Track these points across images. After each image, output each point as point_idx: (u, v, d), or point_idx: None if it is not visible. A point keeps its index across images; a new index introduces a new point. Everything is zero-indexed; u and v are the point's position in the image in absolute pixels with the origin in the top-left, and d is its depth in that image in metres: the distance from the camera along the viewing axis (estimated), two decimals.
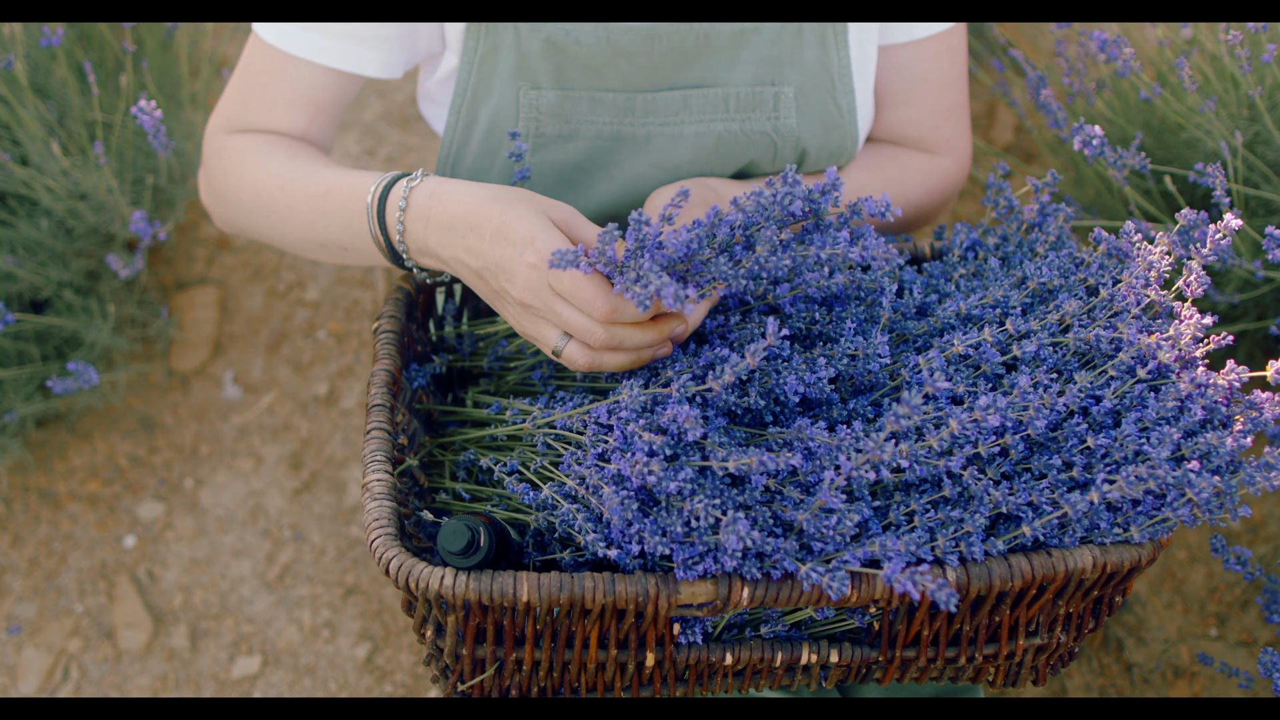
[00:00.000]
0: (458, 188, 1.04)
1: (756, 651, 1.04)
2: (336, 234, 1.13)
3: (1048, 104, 1.33)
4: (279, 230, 1.19)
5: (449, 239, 1.03)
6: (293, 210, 1.16)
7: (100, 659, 1.63)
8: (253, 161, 1.19)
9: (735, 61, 1.19)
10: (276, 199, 1.17)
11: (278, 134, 1.22)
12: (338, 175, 1.14)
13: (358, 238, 1.11)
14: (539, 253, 0.97)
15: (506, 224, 0.99)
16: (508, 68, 1.19)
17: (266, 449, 1.80)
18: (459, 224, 1.02)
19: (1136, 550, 0.99)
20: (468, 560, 0.96)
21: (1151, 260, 1.08)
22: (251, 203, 1.19)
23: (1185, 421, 1.00)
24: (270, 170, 1.18)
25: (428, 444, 1.19)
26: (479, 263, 1.02)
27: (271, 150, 1.19)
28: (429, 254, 1.07)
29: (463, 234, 1.02)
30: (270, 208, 1.18)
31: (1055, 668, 1.12)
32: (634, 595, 0.95)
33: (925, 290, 1.16)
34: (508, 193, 1.02)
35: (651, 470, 0.92)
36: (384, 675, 1.60)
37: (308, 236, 1.16)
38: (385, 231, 1.08)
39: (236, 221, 1.24)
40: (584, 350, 1.00)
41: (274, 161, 1.18)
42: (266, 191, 1.17)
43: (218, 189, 1.24)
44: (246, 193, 1.19)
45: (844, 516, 0.93)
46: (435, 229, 1.04)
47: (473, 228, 1.01)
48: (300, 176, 1.16)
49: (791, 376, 1.01)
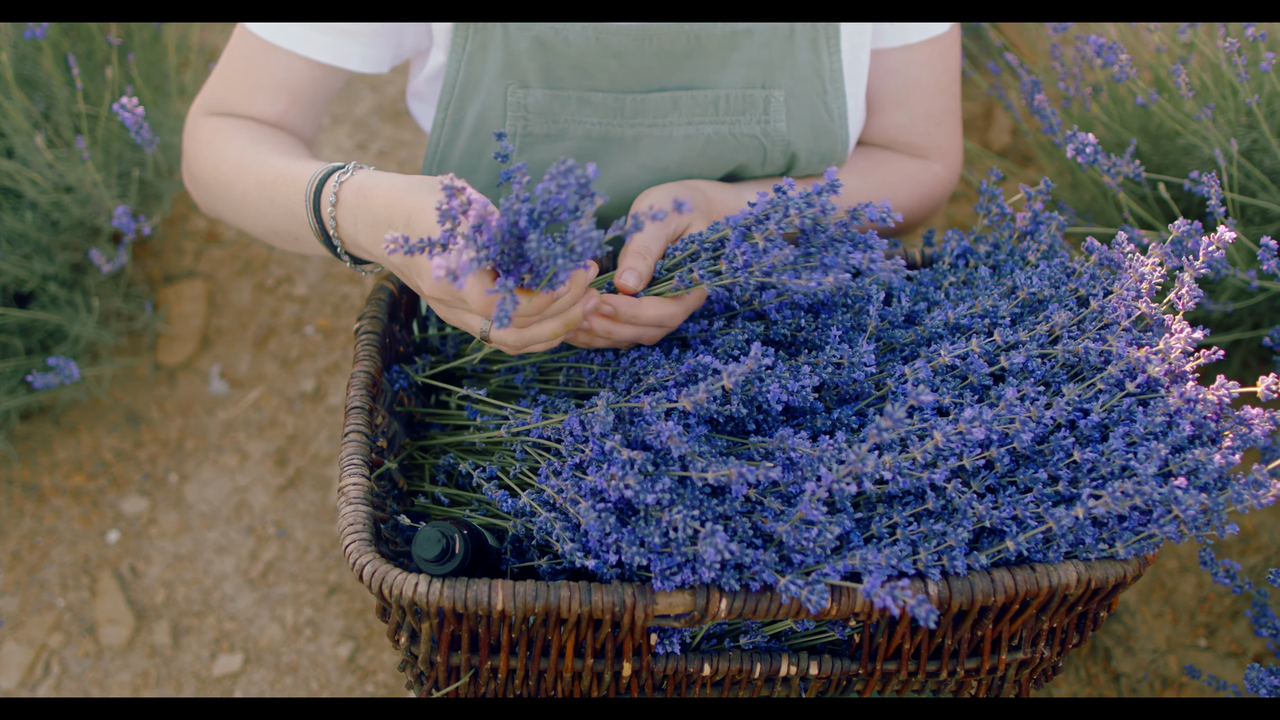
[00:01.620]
0: (382, 181, 1.03)
1: (735, 663, 1.03)
2: (284, 224, 1.12)
3: (1041, 109, 1.31)
4: (239, 215, 1.18)
5: (374, 234, 1.01)
6: (246, 196, 1.14)
7: (82, 655, 1.62)
8: (219, 144, 1.18)
9: (726, 64, 1.17)
10: (233, 184, 1.16)
11: (252, 119, 1.21)
12: (286, 164, 1.12)
13: (302, 228, 1.10)
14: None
15: (413, 217, 0.97)
16: (496, 66, 1.17)
17: (252, 445, 1.78)
18: (380, 219, 1.00)
19: (1122, 566, 0.98)
20: (442, 567, 0.94)
21: (1143, 272, 1.07)
22: (215, 185, 1.18)
23: (1173, 437, 0.98)
24: (230, 155, 1.16)
25: (408, 446, 1.17)
26: (397, 259, 1.00)
27: (237, 134, 1.18)
28: (361, 248, 1.05)
29: (384, 229, 1.00)
30: (229, 192, 1.16)
31: (1039, 682, 1.11)
32: (610, 605, 0.93)
33: (914, 298, 1.14)
34: (423, 183, 1.00)
35: (628, 484, 0.91)
36: (366, 675, 1.59)
37: (261, 224, 1.15)
38: (322, 225, 1.06)
39: (208, 204, 1.23)
40: (507, 333, 0.97)
41: (235, 146, 1.17)
42: (226, 175, 1.16)
43: (190, 170, 1.24)
44: (210, 175, 1.18)
45: (825, 529, 0.92)
46: (363, 226, 1.02)
47: (390, 222, 0.99)
48: (255, 162, 1.14)
49: (774, 385, 0.99)
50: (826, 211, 0.96)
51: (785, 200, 0.96)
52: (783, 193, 0.97)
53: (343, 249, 1.08)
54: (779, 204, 0.96)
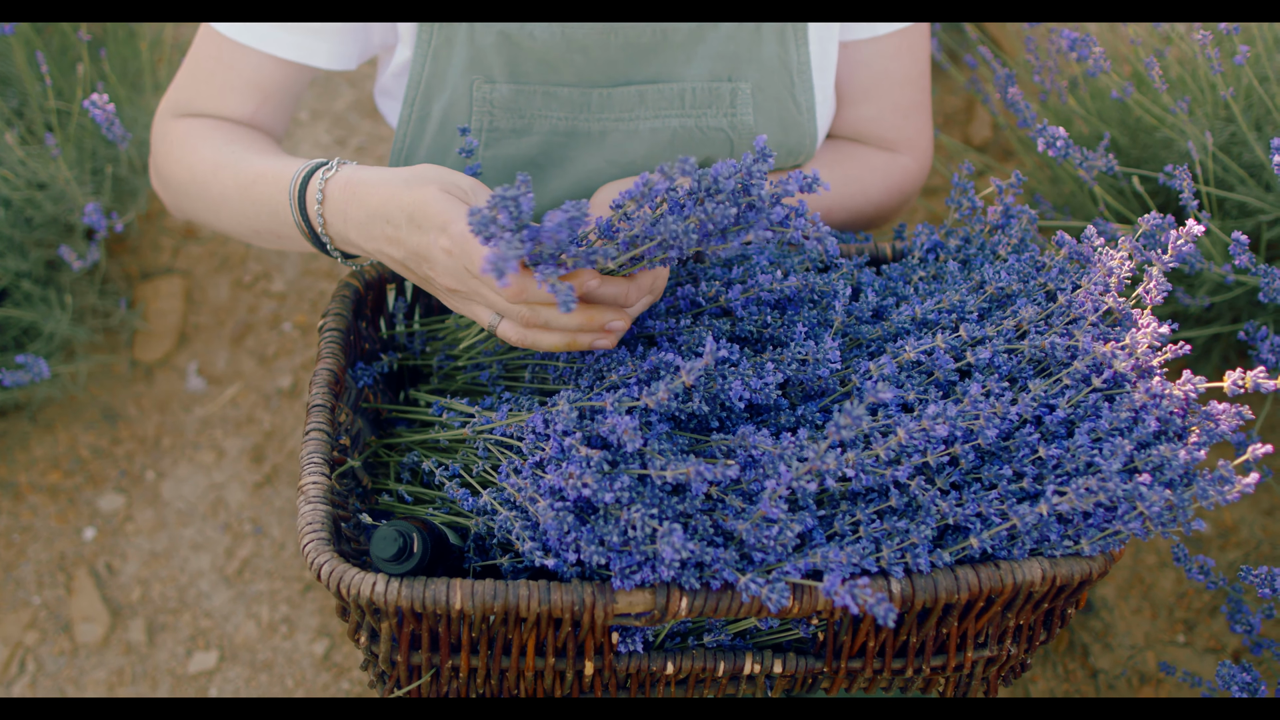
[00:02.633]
0: (370, 177, 1.02)
1: (699, 661, 1.02)
2: (267, 222, 1.11)
3: (1015, 102, 1.30)
4: (216, 216, 1.17)
5: (368, 231, 1.00)
6: (225, 197, 1.13)
7: (57, 652, 1.61)
8: (191, 146, 1.17)
9: (692, 57, 1.16)
10: (210, 185, 1.14)
11: (223, 119, 1.20)
12: (266, 162, 1.11)
13: (285, 226, 1.09)
14: (453, 237, 0.93)
15: (418, 210, 0.96)
16: (461, 61, 1.16)
17: (229, 442, 1.77)
18: (375, 216, 0.99)
19: (1087, 563, 0.97)
20: (400, 566, 0.94)
21: (1111, 266, 1.06)
22: (190, 187, 1.17)
23: (1139, 433, 0.97)
24: (206, 156, 1.15)
25: (373, 444, 1.17)
26: (400, 253, 0.99)
27: (210, 135, 1.17)
28: (352, 245, 1.04)
29: (380, 225, 0.99)
30: (206, 193, 1.15)
31: (1007, 679, 1.10)
32: (570, 604, 0.92)
33: (883, 293, 1.13)
34: (417, 176, 0.99)
35: (586, 483, 0.90)
36: (341, 672, 1.58)
37: (241, 224, 1.14)
38: (309, 223, 1.06)
39: (181, 206, 1.22)
40: (515, 328, 0.97)
41: (210, 146, 1.16)
42: (202, 176, 1.15)
43: (161, 172, 1.22)
44: (184, 177, 1.17)
45: (785, 527, 0.91)
46: (354, 223, 1.01)
47: (388, 219, 0.98)
48: (232, 162, 1.13)
49: (737, 382, 0.98)
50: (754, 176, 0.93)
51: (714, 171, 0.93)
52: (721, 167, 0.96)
53: (333, 245, 1.07)
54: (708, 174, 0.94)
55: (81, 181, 1.63)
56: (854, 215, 1.27)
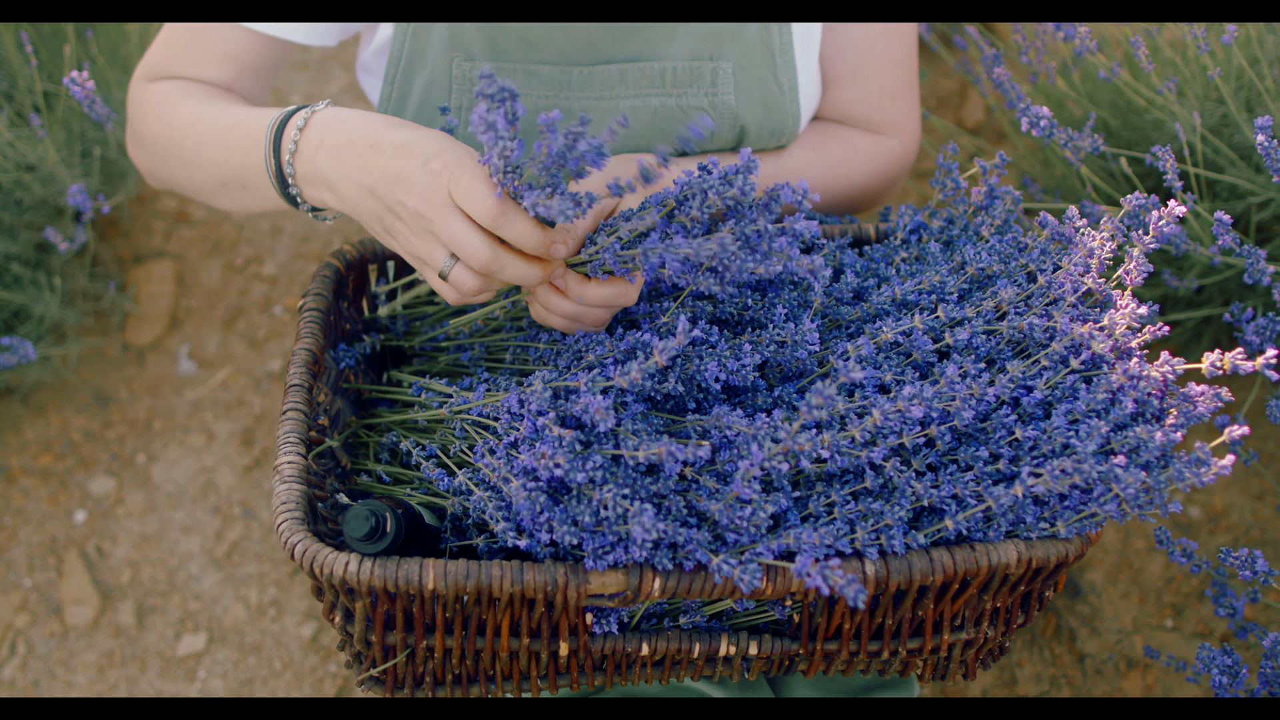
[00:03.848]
0: (359, 113, 1.02)
1: (674, 642, 1.02)
2: (236, 168, 1.10)
3: (1002, 82, 1.29)
4: (188, 171, 1.16)
5: (342, 158, 1.00)
6: (199, 145, 1.13)
7: (47, 635, 1.61)
8: (171, 102, 1.17)
9: (674, 36, 1.16)
10: (186, 136, 1.14)
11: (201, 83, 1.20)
12: (250, 111, 1.11)
13: (253, 170, 1.08)
14: (445, 163, 0.94)
15: (412, 141, 0.96)
16: (441, 39, 1.16)
17: (219, 425, 1.78)
18: (356, 142, 0.99)
19: (1064, 545, 0.96)
20: (373, 546, 0.93)
21: (1092, 247, 1.05)
22: (165, 143, 1.17)
23: (1116, 414, 0.97)
24: (185, 110, 1.15)
25: (353, 424, 1.16)
26: (372, 178, 0.98)
27: (192, 93, 1.17)
28: (316, 177, 1.03)
29: (359, 151, 0.99)
30: (180, 145, 1.15)
31: (985, 662, 1.10)
32: (543, 584, 0.92)
33: (864, 274, 1.13)
34: (396, 121, 1.00)
35: (558, 463, 0.90)
36: (329, 654, 1.59)
37: (210, 174, 1.13)
38: (278, 157, 1.05)
39: (154, 169, 1.22)
40: (469, 274, 0.96)
41: (191, 102, 1.16)
42: (179, 129, 1.15)
43: (136, 134, 1.22)
44: (161, 133, 1.17)
45: (759, 508, 0.91)
46: (328, 149, 1.01)
47: (373, 145, 0.98)
48: (213, 112, 1.13)
49: (712, 363, 0.98)
50: (746, 192, 0.94)
51: (705, 181, 0.94)
52: (707, 171, 0.96)
53: (294, 183, 1.05)
54: (695, 185, 0.95)
55: (70, 164, 1.63)
56: (839, 198, 1.26)
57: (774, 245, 0.95)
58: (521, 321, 1.17)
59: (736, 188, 0.93)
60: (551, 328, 1.08)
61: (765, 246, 0.94)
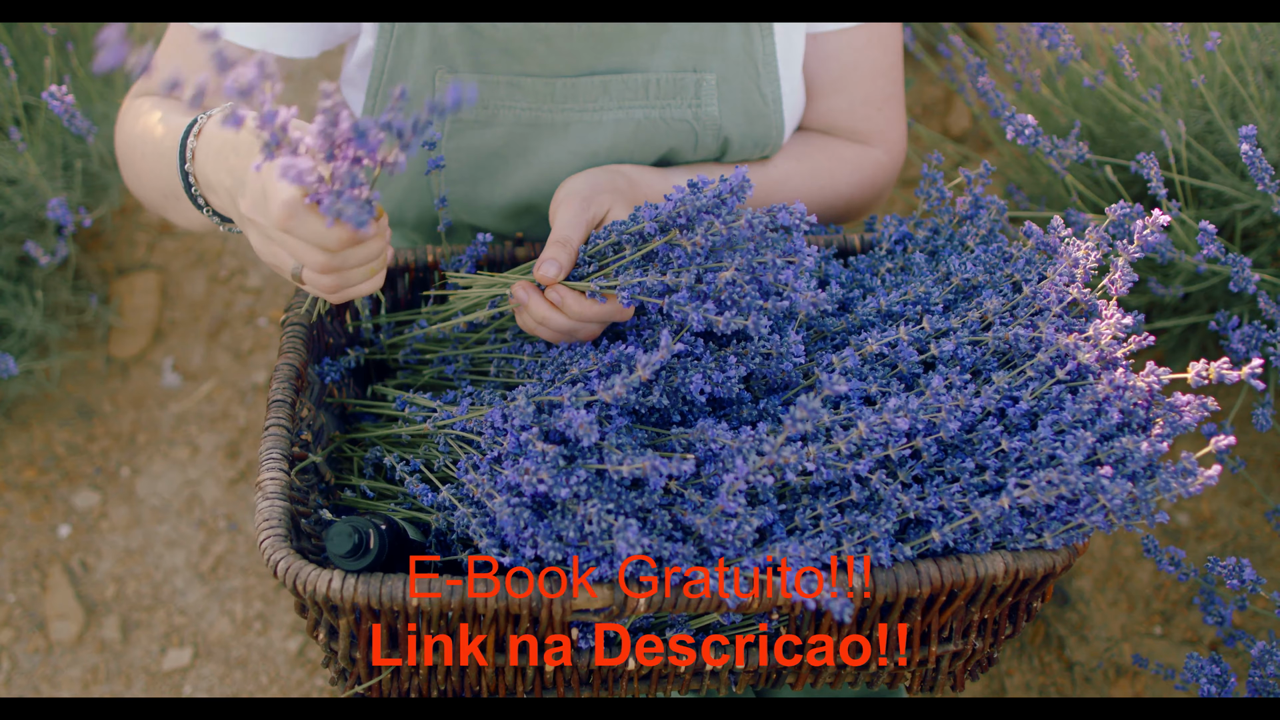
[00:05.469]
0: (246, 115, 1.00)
1: (660, 657, 1.01)
2: (168, 178, 1.07)
3: (986, 90, 1.29)
4: (139, 182, 1.14)
5: (218, 162, 0.97)
6: (144, 156, 1.11)
7: (31, 650, 1.60)
8: (135, 116, 1.15)
9: (656, 47, 1.15)
10: (135, 147, 1.12)
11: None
12: (181, 118, 1.08)
13: (176, 179, 1.05)
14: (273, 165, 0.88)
15: (244, 144, 0.93)
16: (424, 51, 1.15)
17: (204, 438, 1.77)
18: (227, 146, 0.96)
19: (1050, 556, 0.96)
20: (356, 563, 0.93)
21: (1076, 256, 1.05)
22: (124, 155, 1.15)
23: (1102, 424, 0.96)
24: (142, 122, 1.13)
25: (337, 439, 1.16)
26: (231, 181, 0.95)
27: (159, 105, 1.15)
28: (205, 181, 1.00)
29: (227, 155, 0.96)
30: (132, 157, 1.13)
31: (974, 673, 1.10)
32: (527, 601, 0.92)
33: (849, 285, 1.13)
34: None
35: (541, 479, 0.89)
36: (315, 669, 1.58)
37: (153, 185, 1.11)
38: (183, 162, 1.02)
39: (125, 181, 1.20)
40: (315, 275, 0.93)
41: (156, 113, 1.13)
42: (133, 140, 1.13)
43: (117, 152, 1.21)
44: (123, 146, 1.15)
45: (744, 521, 0.90)
46: (211, 153, 0.98)
47: (236, 148, 0.95)
48: (158, 122, 1.10)
49: (697, 376, 0.97)
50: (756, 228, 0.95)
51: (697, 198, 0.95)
52: (697, 188, 0.96)
53: (197, 189, 1.03)
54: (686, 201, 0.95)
55: (51, 177, 1.62)
56: (824, 208, 1.26)
57: (779, 278, 0.95)
58: (506, 333, 1.16)
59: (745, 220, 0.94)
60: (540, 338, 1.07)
61: (770, 279, 0.95)
